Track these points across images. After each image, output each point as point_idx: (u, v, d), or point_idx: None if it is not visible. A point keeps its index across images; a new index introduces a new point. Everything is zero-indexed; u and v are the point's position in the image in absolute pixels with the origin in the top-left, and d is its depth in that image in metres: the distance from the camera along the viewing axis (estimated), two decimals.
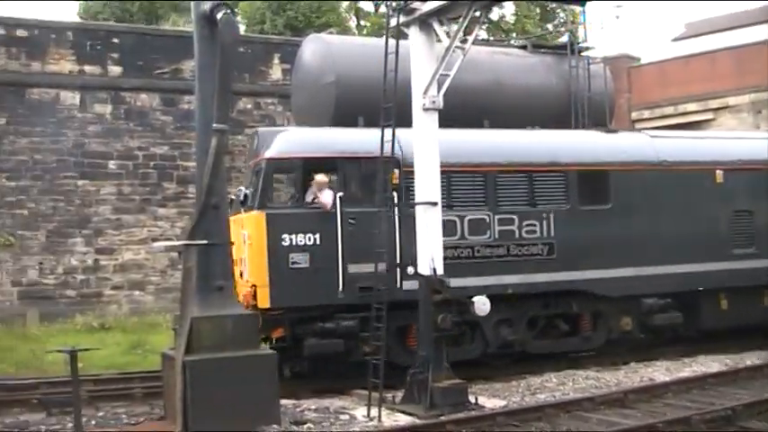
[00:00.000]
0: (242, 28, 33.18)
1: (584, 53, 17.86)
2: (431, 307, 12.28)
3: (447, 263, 13.00)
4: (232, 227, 12.44)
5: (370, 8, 42.52)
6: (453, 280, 12.97)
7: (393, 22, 12.75)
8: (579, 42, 18.07)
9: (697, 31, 45.66)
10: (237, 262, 13.29)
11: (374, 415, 11.75)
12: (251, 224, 13.78)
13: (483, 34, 29.58)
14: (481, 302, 12.55)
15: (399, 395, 12.66)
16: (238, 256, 13.45)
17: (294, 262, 13.58)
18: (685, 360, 15.87)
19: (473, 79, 15.00)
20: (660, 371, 14.91)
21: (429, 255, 12.49)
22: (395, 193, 13.86)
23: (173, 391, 10.82)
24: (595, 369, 15.17)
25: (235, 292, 11.66)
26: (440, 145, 13.00)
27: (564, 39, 20.59)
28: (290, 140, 14.41)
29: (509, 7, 39.06)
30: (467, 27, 12.30)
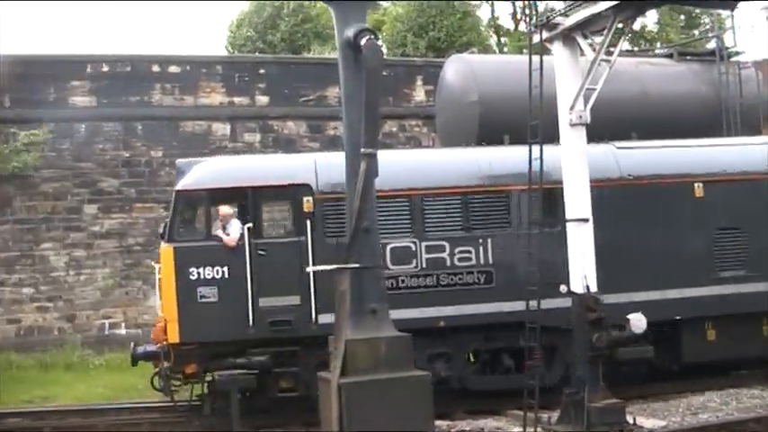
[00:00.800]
0: (384, 51, 33.51)
1: (733, 58, 17.28)
2: (585, 326, 12.05)
3: None
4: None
5: (510, 25, 42.47)
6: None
7: (535, 39, 12.67)
8: (728, 48, 17.50)
9: None
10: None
11: None
12: (161, 257, 13.68)
13: (626, 45, 28.99)
14: (637, 319, 12.23)
15: (555, 416, 12.49)
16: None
17: (203, 296, 13.31)
18: None
19: (619, 91, 14.63)
20: None
21: (582, 272, 12.28)
22: (308, 222, 13.50)
23: (329, 413, 10.95)
24: (760, 388, 14.48)
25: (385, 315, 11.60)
26: None
27: (711, 45, 20.00)
28: (200, 172, 14.05)
29: (651, 16, 38.28)
30: (611, 39, 12.13)
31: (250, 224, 13.47)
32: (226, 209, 13.66)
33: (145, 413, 14.62)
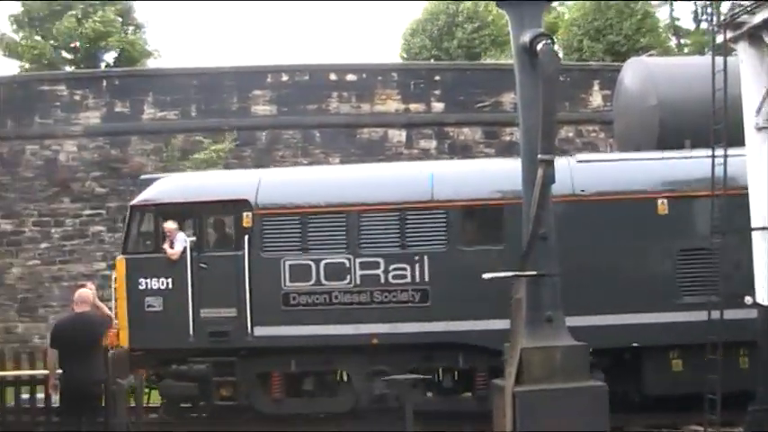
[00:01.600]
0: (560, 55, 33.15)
1: None
2: None
3: (301, 309, 13.28)
4: None
5: (690, 25, 41.15)
6: (308, 327, 13.13)
7: (719, 39, 12.21)
8: None
9: None
10: None
11: None
12: (116, 268, 14.38)
13: None
14: None
15: (737, 431, 11.99)
16: None
17: (149, 305, 13.81)
18: None
19: None
20: None
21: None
22: (246, 237, 13.69)
23: (502, 421, 10.92)
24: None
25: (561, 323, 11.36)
26: (295, 185, 14.07)
27: None
28: (154, 188, 14.68)
29: None
30: None
31: (193, 238, 14.07)
32: (170, 224, 14.06)
33: None
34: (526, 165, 11.18)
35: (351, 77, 25.64)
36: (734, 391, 11.57)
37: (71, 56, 33.26)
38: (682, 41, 40.59)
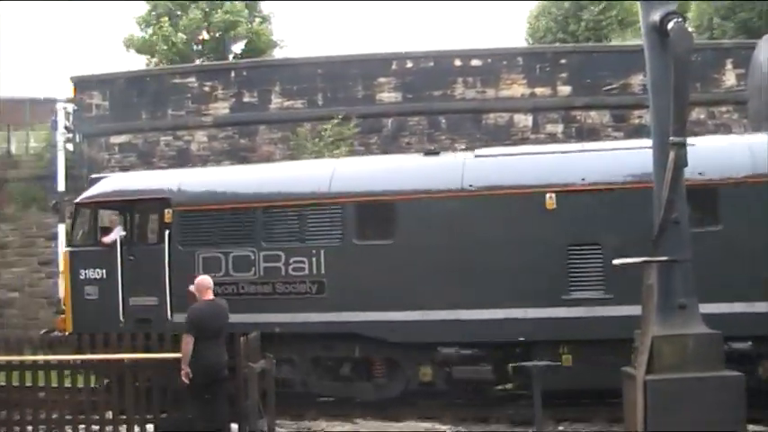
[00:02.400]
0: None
1: None
2: None
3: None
4: None
5: None
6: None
7: None
8: None
9: None
10: None
11: None
12: (62, 259, 16.24)
13: None
14: None
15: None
16: None
17: (88, 294, 15.24)
18: None
19: None
20: None
21: None
22: (167, 232, 14.90)
23: (632, 410, 10.68)
24: None
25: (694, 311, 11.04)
26: (208, 185, 15.32)
27: None
28: (96, 187, 16.25)
29: None
30: None
31: (123, 232, 15.49)
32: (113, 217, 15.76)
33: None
34: (657, 148, 10.85)
35: (476, 62, 25.46)
36: None
37: (200, 48, 34.06)
38: None
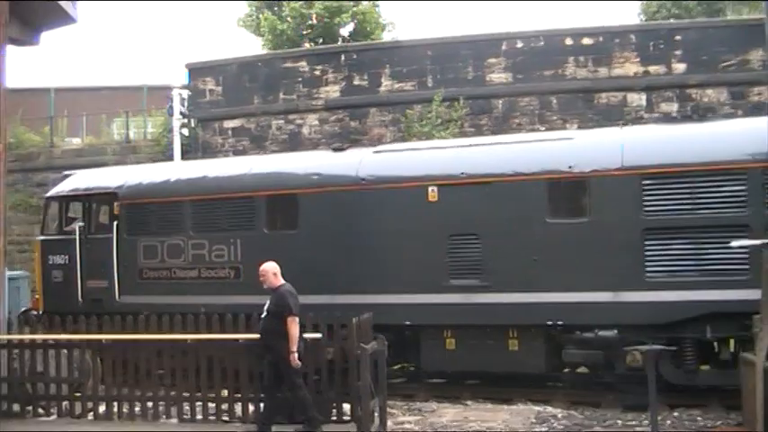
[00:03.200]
0: None
1: None
2: None
3: (151, 282, 16.33)
4: None
5: None
6: (156, 297, 15.81)
7: None
8: None
9: None
10: None
11: None
12: (35, 247, 18.40)
13: None
14: None
15: None
16: None
17: (55, 277, 17.30)
18: None
19: None
20: None
21: None
22: (115, 223, 16.86)
23: (751, 397, 10.43)
24: None
25: None
26: (144, 181, 17.07)
27: None
28: (64, 182, 18.38)
29: None
30: None
31: (81, 223, 17.28)
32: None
33: None
34: None
35: (587, 41, 25.02)
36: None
37: (309, 32, 34.33)
38: None
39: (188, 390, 11.89)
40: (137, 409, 12.03)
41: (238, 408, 11.76)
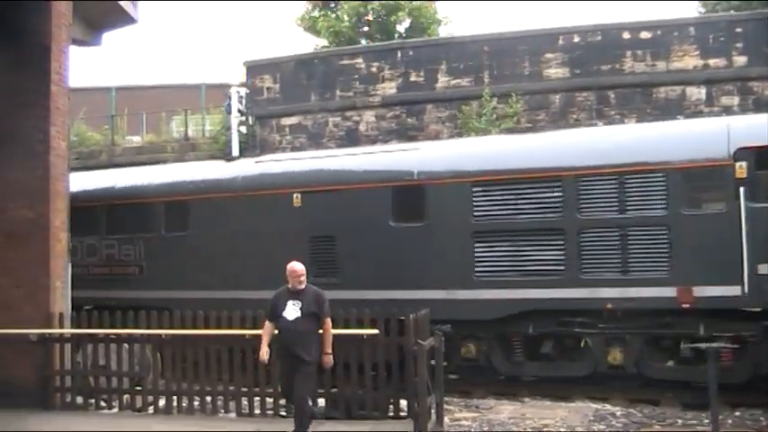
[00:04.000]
0: None
1: None
2: None
3: (84, 277, 17.13)
4: None
5: None
6: (88, 291, 16.51)
7: None
8: None
9: None
10: None
11: None
12: None
13: None
14: None
15: None
16: None
17: None
18: None
19: None
20: None
21: None
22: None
23: None
24: None
25: None
26: (79, 186, 17.29)
27: None
28: None
29: None
30: None
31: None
32: None
33: None
34: None
35: (645, 35, 24.79)
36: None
37: (366, 29, 34.41)
38: None
39: (246, 385, 12.00)
40: (195, 404, 12.19)
41: None
